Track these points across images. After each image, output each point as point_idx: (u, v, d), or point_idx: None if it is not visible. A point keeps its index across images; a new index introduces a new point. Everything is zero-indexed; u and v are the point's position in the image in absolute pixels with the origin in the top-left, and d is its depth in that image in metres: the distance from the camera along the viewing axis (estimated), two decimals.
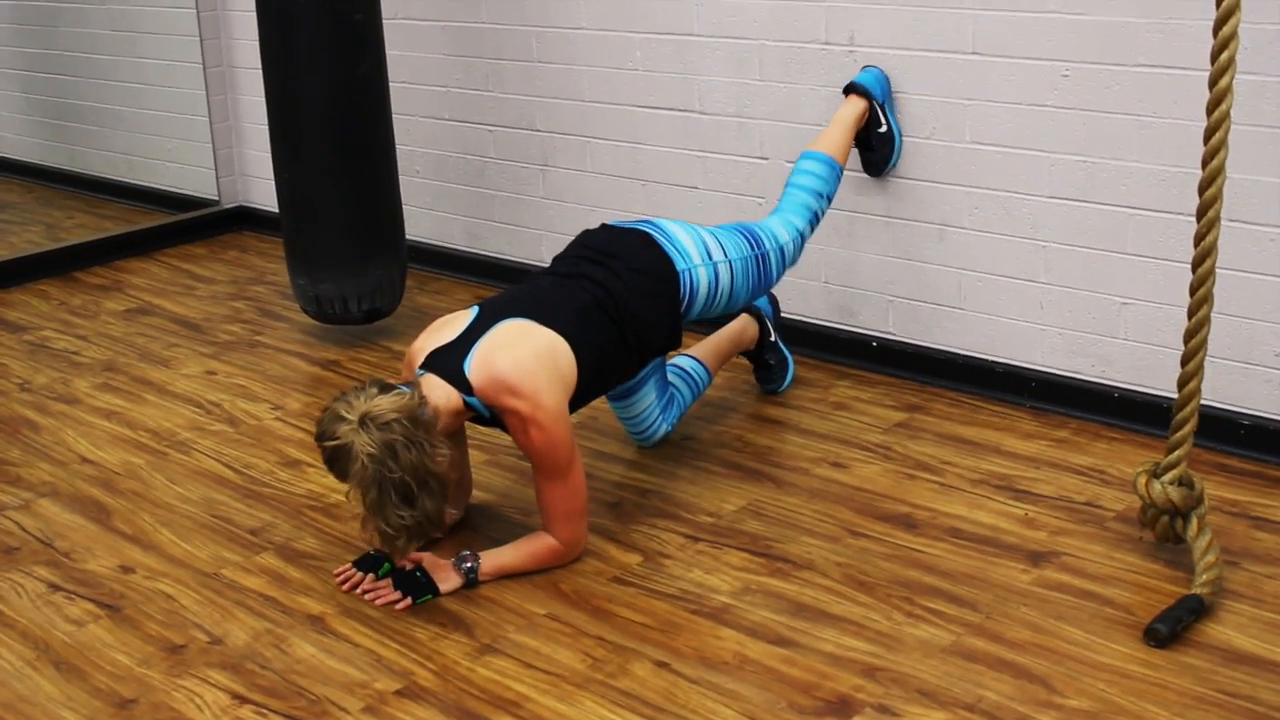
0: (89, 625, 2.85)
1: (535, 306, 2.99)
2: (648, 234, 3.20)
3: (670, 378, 3.50)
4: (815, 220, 3.51)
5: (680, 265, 3.17)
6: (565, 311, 2.99)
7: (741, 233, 3.33)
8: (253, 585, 2.98)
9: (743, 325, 3.75)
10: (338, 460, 2.71)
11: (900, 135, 3.70)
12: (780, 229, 3.40)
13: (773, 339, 3.79)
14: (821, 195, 3.52)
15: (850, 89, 3.69)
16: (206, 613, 2.88)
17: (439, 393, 2.84)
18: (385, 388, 2.76)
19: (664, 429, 3.48)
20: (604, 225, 3.32)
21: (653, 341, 3.16)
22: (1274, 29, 3.06)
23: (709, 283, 3.21)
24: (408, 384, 2.83)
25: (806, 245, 3.48)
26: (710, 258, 3.22)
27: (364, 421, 2.67)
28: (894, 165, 3.74)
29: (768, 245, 3.34)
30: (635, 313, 3.07)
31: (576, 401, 3.00)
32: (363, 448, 2.65)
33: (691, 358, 3.60)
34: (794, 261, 3.46)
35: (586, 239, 3.27)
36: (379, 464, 2.65)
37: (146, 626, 2.84)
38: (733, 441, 3.56)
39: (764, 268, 3.34)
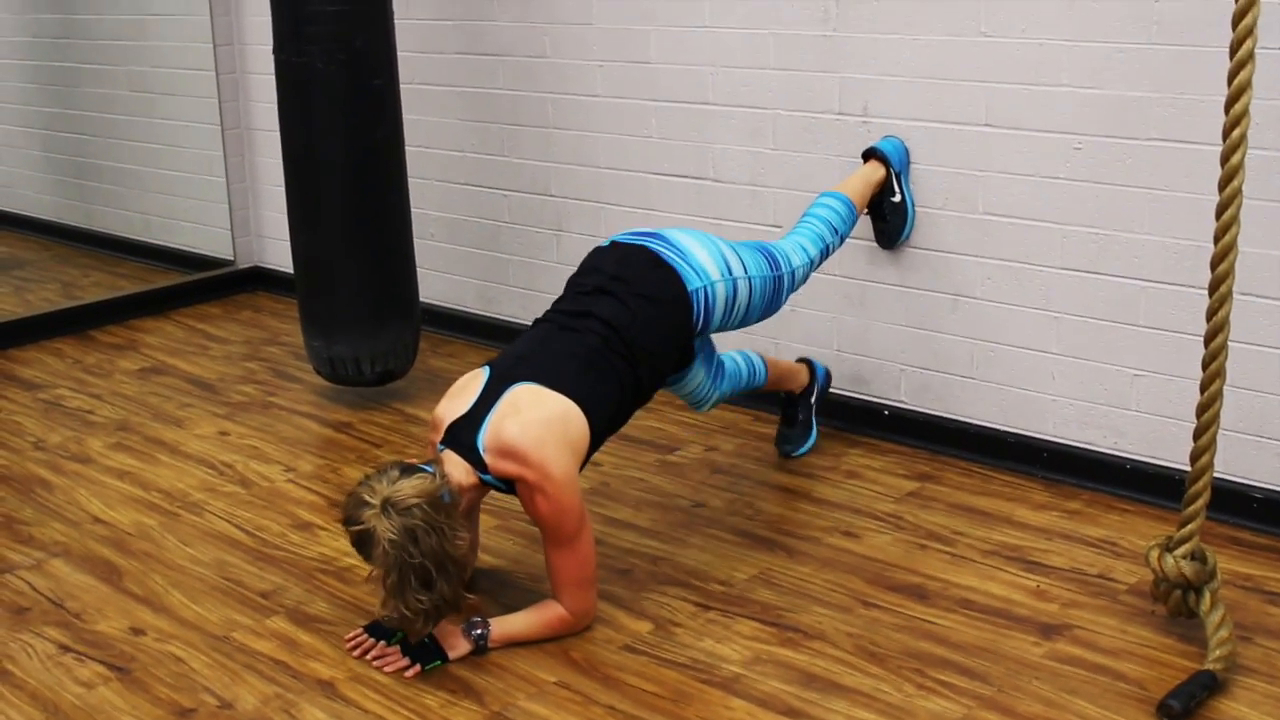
0: (99, 687, 2.85)
1: (544, 366, 2.98)
2: (657, 255, 3.16)
3: (728, 358, 3.55)
4: (826, 254, 3.51)
5: (693, 284, 3.14)
6: (574, 365, 2.97)
7: (761, 252, 3.32)
8: (263, 649, 2.98)
9: (799, 367, 3.82)
10: (362, 544, 2.75)
11: (914, 207, 3.73)
12: (794, 254, 3.40)
13: (812, 400, 3.84)
14: (836, 231, 3.52)
15: (870, 154, 3.72)
16: (216, 676, 2.88)
17: (459, 471, 2.86)
18: (407, 470, 2.78)
19: (715, 396, 3.52)
20: (614, 243, 3.27)
21: (663, 369, 3.16)
22: None
23: (726, 298, 3.20)
24: (429, 463, 2.85)
25: (819, 318, 3.49)
26: (730, 272, 3.20)
27: (386, 507, 2.70)
28: (906, 238, 3.76)
29: (784, 269, 3.34)
30: (645, 345, 3.07)
31: (589, 453, 3.00)
32: (384, 533, 2.68)
33: (755, 354, 3.68)
34: (797, 288, 3.45)
35: (597, 261, 3.24)
36: (399, 549, 2.68)
37: (156, 689, 2.83)
38: (744, 509, 3.56)
39: (779, 290, 3.34)
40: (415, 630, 2.80)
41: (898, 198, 3.70)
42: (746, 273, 3.23)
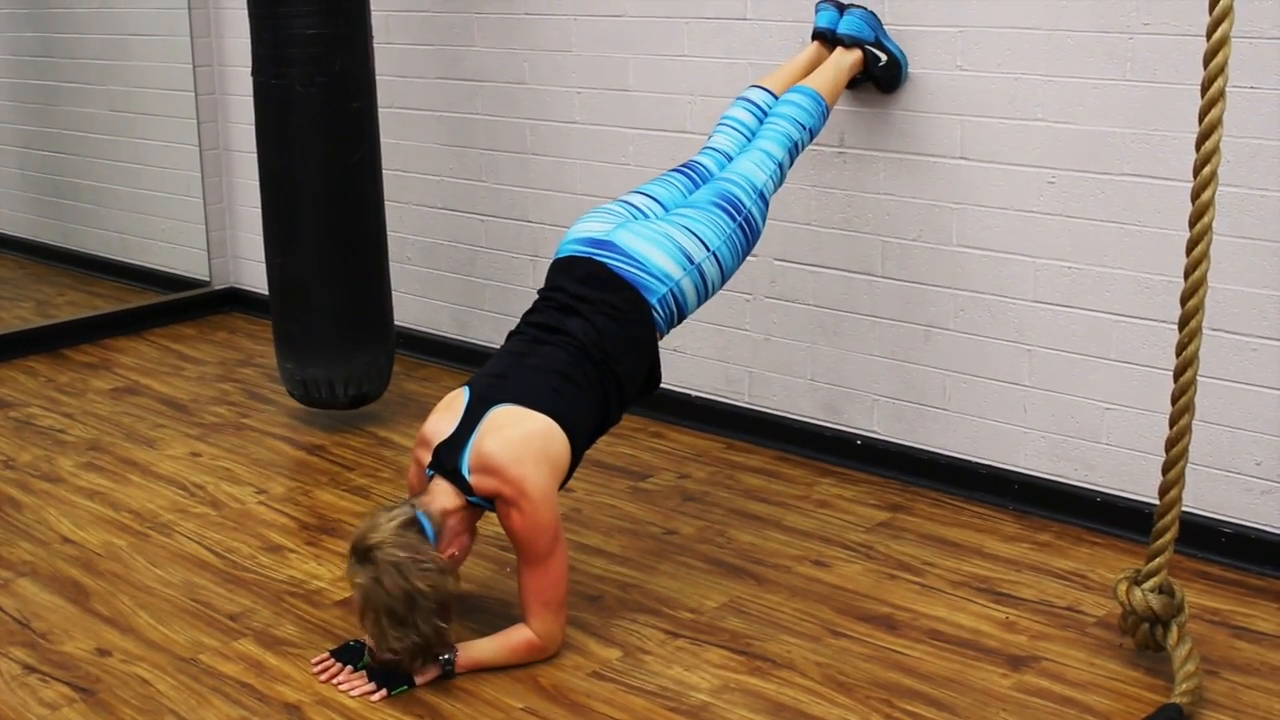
0: (63, 709, 2.83)
1: (523, 385, 2.97)
2: (614, 272, 3.11)
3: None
4: (795, 152, 3.42)
5: (656, 294, 3.11)
6: (552, 382, 2.97)
7: (718, 205, 3.23)
8: (230, 671, 2.97)
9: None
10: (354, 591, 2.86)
11: (904, 56, 3.63)
12: (756, 170, 3.31)
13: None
14: (804, 127, 3.43)
15: (837, 42, 3.61)
16: (182, 699, 2.86)
17: (447, 498, 2.89)
18: (383, 512, 2.85)
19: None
20: (571, 259, 3.18)
21: (631, 384, 3.14)
22: (1256, 144, 3.11)
23: (695, 286, 3.17)
24: (417, 495, 2.92)
25: (793, 347, 3.47)
26: (691, 261, 3.15)
27: (361, 555, 2.78)
28: (905, 80, 3.66)
29: (748, 204, 3.26)
30: (614, 360, 3.06)
31: (569, 471, 3.00)
32: (357, 579, 2.78)
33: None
34: (775, 190, 3.37)
35: (559, 279, 3.18)
36: (368, 592, 2.77)
37: (121, 711, 2.82)
38: (715, 537, 3.56)
39: (750, 228, 3.27)
40: (403, 668, 2.86)
41: (884, 60, 3.61)
42: (709, 249, 3.18)
